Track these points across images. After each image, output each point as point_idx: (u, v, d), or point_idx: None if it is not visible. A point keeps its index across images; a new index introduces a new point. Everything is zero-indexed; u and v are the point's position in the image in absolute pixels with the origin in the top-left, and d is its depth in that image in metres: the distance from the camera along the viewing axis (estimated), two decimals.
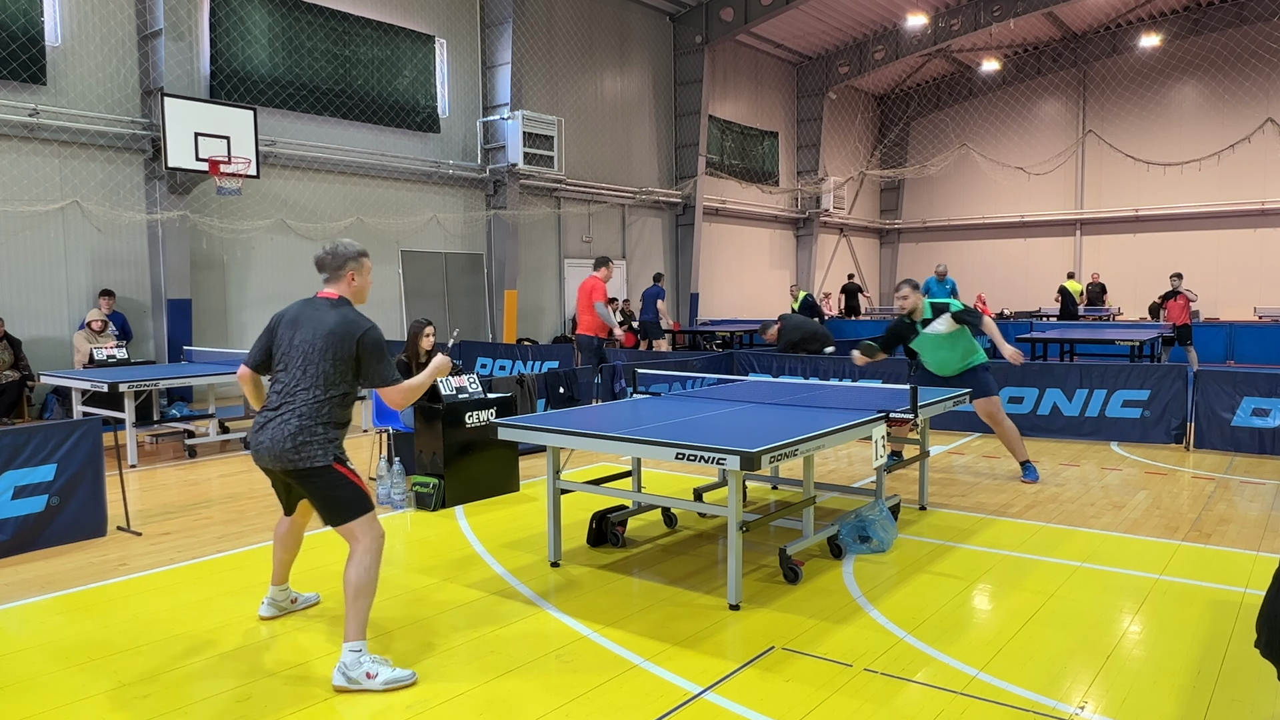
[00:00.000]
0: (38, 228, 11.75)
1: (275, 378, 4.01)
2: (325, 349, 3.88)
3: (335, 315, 3.93)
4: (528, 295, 18.71)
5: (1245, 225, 24.84)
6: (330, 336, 3.88)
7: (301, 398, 3.88)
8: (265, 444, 3.89)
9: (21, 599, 4.90)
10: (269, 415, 3.93)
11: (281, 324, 4.05)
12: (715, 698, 3.65)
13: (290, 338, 3.97)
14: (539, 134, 16.99)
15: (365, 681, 3.73)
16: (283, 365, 3.97)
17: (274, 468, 3.95)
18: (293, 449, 3.83)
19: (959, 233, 29.83)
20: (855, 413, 5.47)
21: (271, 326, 4.09)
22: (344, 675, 3.75)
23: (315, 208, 14.70)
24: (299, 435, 3.83)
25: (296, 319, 4.00)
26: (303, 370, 3.90)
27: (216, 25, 13.33)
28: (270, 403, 3.97)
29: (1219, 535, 5.91)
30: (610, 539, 5.79)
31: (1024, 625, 4.37)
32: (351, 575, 3.83)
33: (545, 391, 9.66)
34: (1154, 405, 9.22)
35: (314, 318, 3.95)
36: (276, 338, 4.04)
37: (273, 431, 3.87)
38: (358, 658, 3.77)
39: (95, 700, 3.68)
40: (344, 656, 3.78)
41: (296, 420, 3.85)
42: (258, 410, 4.10)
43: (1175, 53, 25.09)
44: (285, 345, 3.98)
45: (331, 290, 4.07)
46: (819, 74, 26.16)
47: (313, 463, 3.84)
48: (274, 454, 3.87)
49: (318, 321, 3.93)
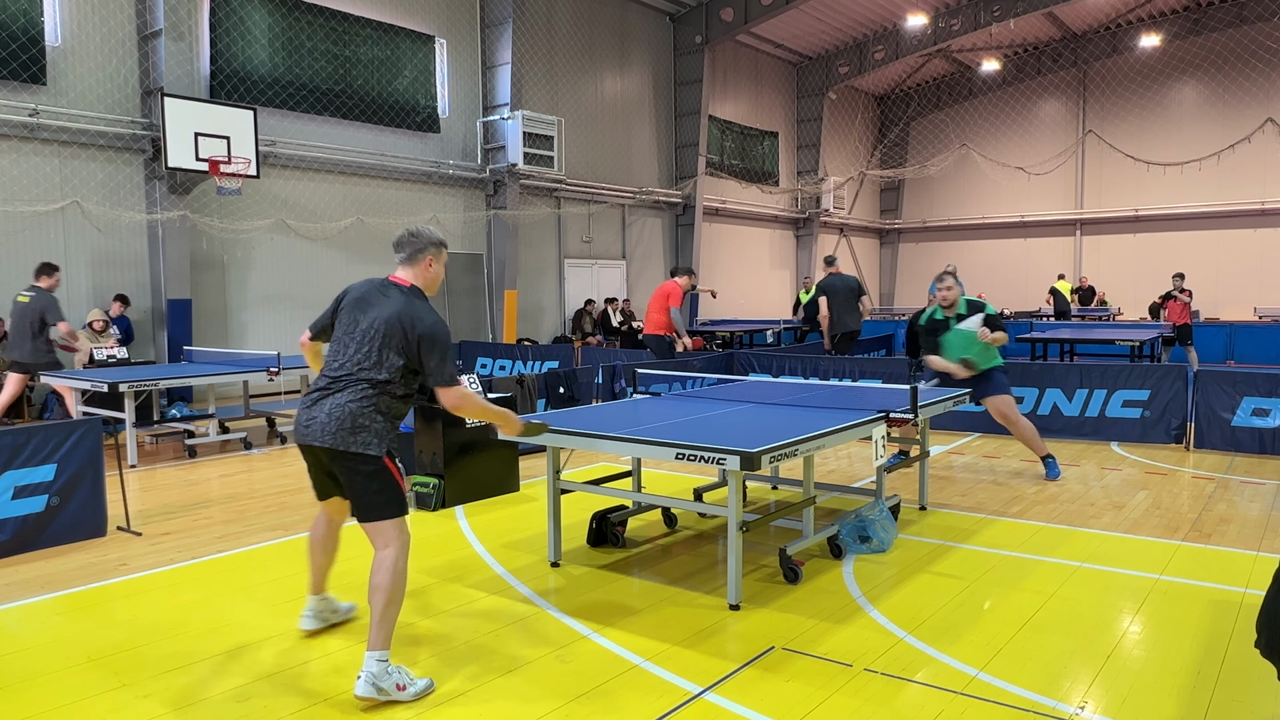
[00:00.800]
0: (38, 228, 11.75)
1: (334, 354, 3.86)
2: (389, 335, 3.75)
3: (403, 302, 3.80)
4: (528, 295, 18.71)
5: (1245, 225, 24.84)
6: (393, 323, 3.75)
7: (362, 379, 3.74)
8: (320, 420, 3.71)
9: (21, 599, 4.91)
10: (323, 393, 3.78)
11: (347, 301, 3.93)
12: (715, 698, 3.65)
13: (355, 318, 3.84)
14: (539, 134, 16.99)
15: (396, 694, 3.58)
16: (343, 344, 3.84)
17: (322, 445, 3.73)
18: (350, 430, 3.68)
19: (959, 233, 29.83)
20: (855, 413, 5.47)
21: (338, 300, 3.98)
22: (374, 686, 3.55)
23: (315, 208, 14.70)
24: (358, 418, 3.69)
25: (364, 300, 3.88)
26: (364, 353, 3.77)
27: (216, 25, 13.33)
28: (320, 382, 3.84)
29: (1219, 535, 5.91)
30: (610, 539, 5.79)
31: (1024, 625, 4.37)
32: (383, 581, 3.65)
33: (545, 391, 9.66)
34: (1154, 405, 9.22)
35: (382, 301, 3.83)
36: (340, 314, 3.93)
37: (329, 408, 3.71)
38: (385, 668, 3.59)
39: (95, 700, 3.68)
40: (370, 666, 3.57)
41: (356, 404, 3.71)
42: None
43: (1175, 53, 25.09)
44: (348, 324, 3.85)
45: (405, 275, 3.94)
46: (819, 74, 26.16)
47: (366, 449, 3.70)
48: (328, 431, 3.69)
49: (385, 306, 3.80)
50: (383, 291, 3.88)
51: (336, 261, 15.07)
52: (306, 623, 4.33)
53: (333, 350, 3.90)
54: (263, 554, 5.70)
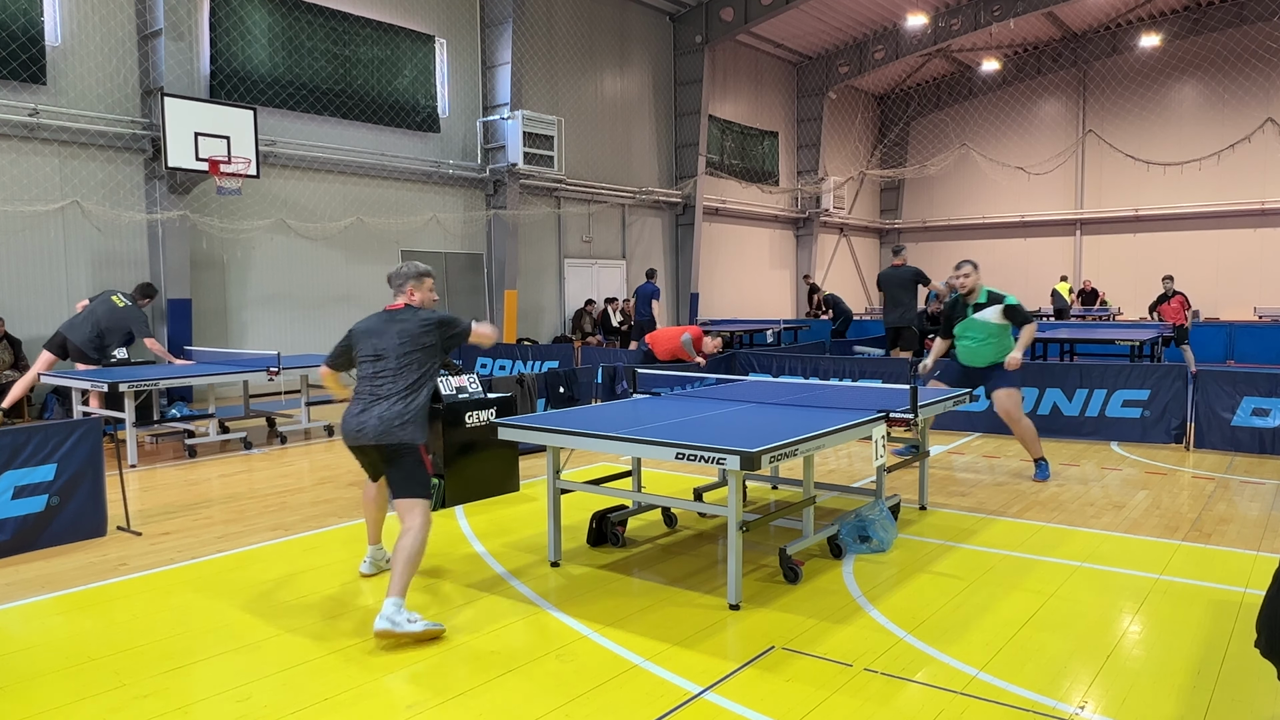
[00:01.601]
0: (38, 228, 11.75)
1: (375, 373, 4.67)
2: (413, 346, 4.64)
3: (411, 316, 4.71)
4: (528, 295, 18.71)
5: (1245, 225, 24.84)
6: (414, 336, 4.65)
7: (402, 387, 4.62)
8: (372, 424, 4.55)
9: (21, 599, 4.91)
10: (371, 401, 4.63)
11: (361, 335, 4.76)
12: (715, 698, 3.65)
13: (376, 343, 4.69)
14: (539, 134, 16.99)
15: (406, 625, 4.21)
16: (374, 364, 4.68)
17: (374, 443, 4.58)
18: (399, 426, 4.55)
19: (959, 233, 29.83)
20: (855, 413, 5.47)
21: (352, 336, 4.80)
22: (389, 620, 4.19)
23: (315, 208, 14.70)
24: (405, 415, 4.57)
25: (374, 329, 4.73)
26: (397, 366, 4.63)
27: (216, 25, 13.33)
28: (365, 392, 4.67)
29: (1219, 535, 5.91)
30: (610, 539, 5.79)
31: (1024, 625, 4.37)
32: (408, 543, 4.40)
33: (545, 391, 9.66)
34: (1154, 405, 9.22)
35: (394, 326, 4.69)
36: (358, 346, 4.76)
37: (381, 412, 4.57)
38: (399, 607, 4.25)
39: (95, 700, 3.68)
40: (387, 609, 4.22)
41: (401, 405, 4.60)
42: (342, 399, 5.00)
43: (1175, 53, 25.09)
44: (373, 349, 4.68)
45: (399, 302, 4.81)
46: (819, 74, 26.16)
47: (412, 440, 4.58)
48: (379, 432, 4.54)
49: (399, 326, 4.68)
50: (390, 319, 4.74)
51: (336, 261, 15.07)
52: (366, 567, 5.29)
53: (368, 370, 4.71)
54: (263, 554, 5.70)
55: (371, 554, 5.33)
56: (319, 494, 7.38)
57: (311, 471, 8.32)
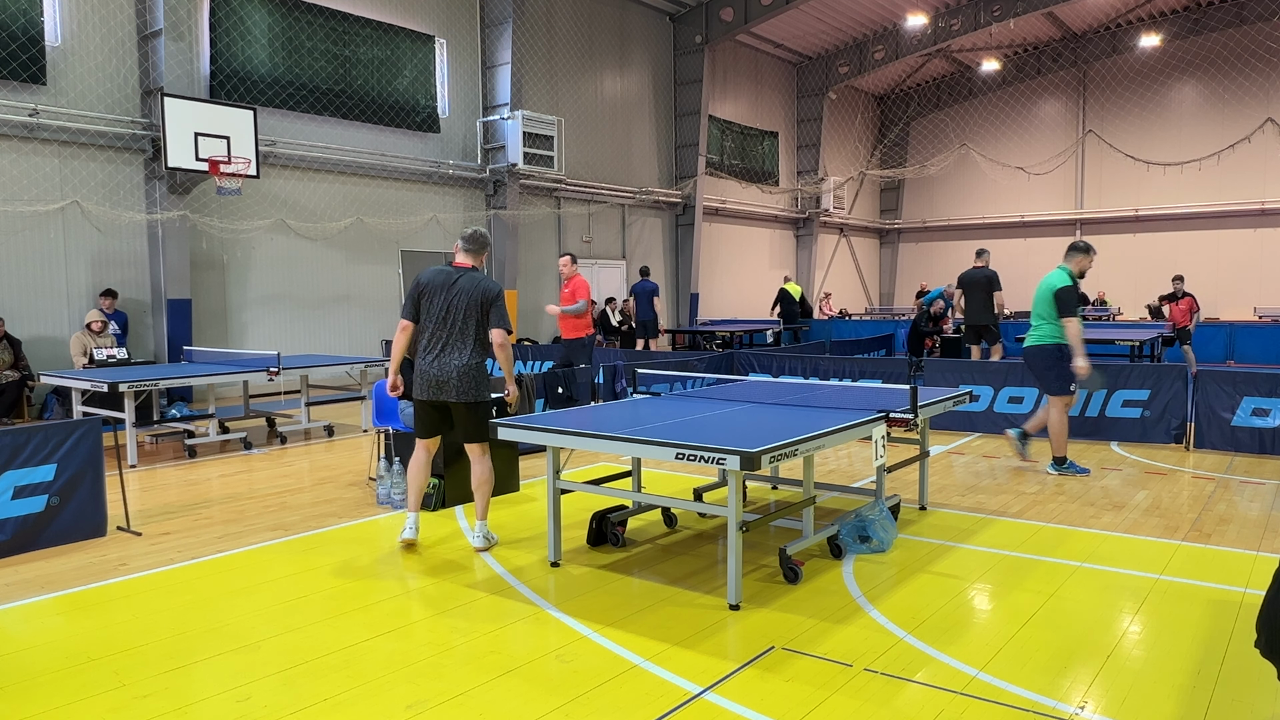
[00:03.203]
0: (38, 228, 11.75)
1: (447, 327, 5.56)
2: (474, 303, 5.55)
3: (477, 277, 5.65)
4: (528, 295, 18.70)
5: (1245, 225, 24.85)
6: (476, 292, 5.56)
7: (469, 337, 5.53)
8: (451, 373, 5.50)
9: (21, 599, 4.91)
10: (440, 351, 5.53)
11: (430, 287, 5.63)
12: (715, 698, 3.65)
13: (446, 297, 5.56)
14: (539, 134, 16.99)
15: (493, 539, 5.74)
16: (443, 319, 5.56)
17: (447, 398, 5.50)
18: (472, 385, 5.51)
19: (959, 233, 29.83)
20: (855, 413, 5.47)
21: (420, 287, 5.64)
22: (484, 538, 5.68)
23: (315, 208, 14.70)
24: (476, 370, 5.51)
25: (448, 283, 5.61)
26: (464, 318, 5.54)
27: (216, 25, 13.33)
28: (434, 344, 5.55)
29: (1219, 535, 5.91)
30: (610, 539, 5.79)
31: (1024, 625, 4.37)
32: (482, 473, 5.66)
33: (544, 391, 9.66)
34: (1154, 405, 9.22)
35: (463, 281, 5.59)
36: (428, 297, 5.62)
37: (453, 361, 5.50)
38: (486, 529, 5.70)
39: (95, 700, 3.68)
40: (479, 529, 5.67)
41: (468, 355, 5.52)
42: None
43: (1175, 53, 25.10)
44: (443, 302, 5.56)
45: (468, 262, 5.77)
46: (819, 74, 26.17)
47: (484, 396, 5.56)
48: (457, 386, 5.49)
49: (469, 282, 5.58)
50: (459, 272, 5.73)
51: (336, 261, 15.07)
52: (409, 533, 5.72)
53: (438, 323, 5.60)
54: (263, 554, 5.70)
55: (413, 520, 5.76)
56: (319, 494, 7.38)
57: (311, 471, 8.32)
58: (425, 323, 5.62)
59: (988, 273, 12.94)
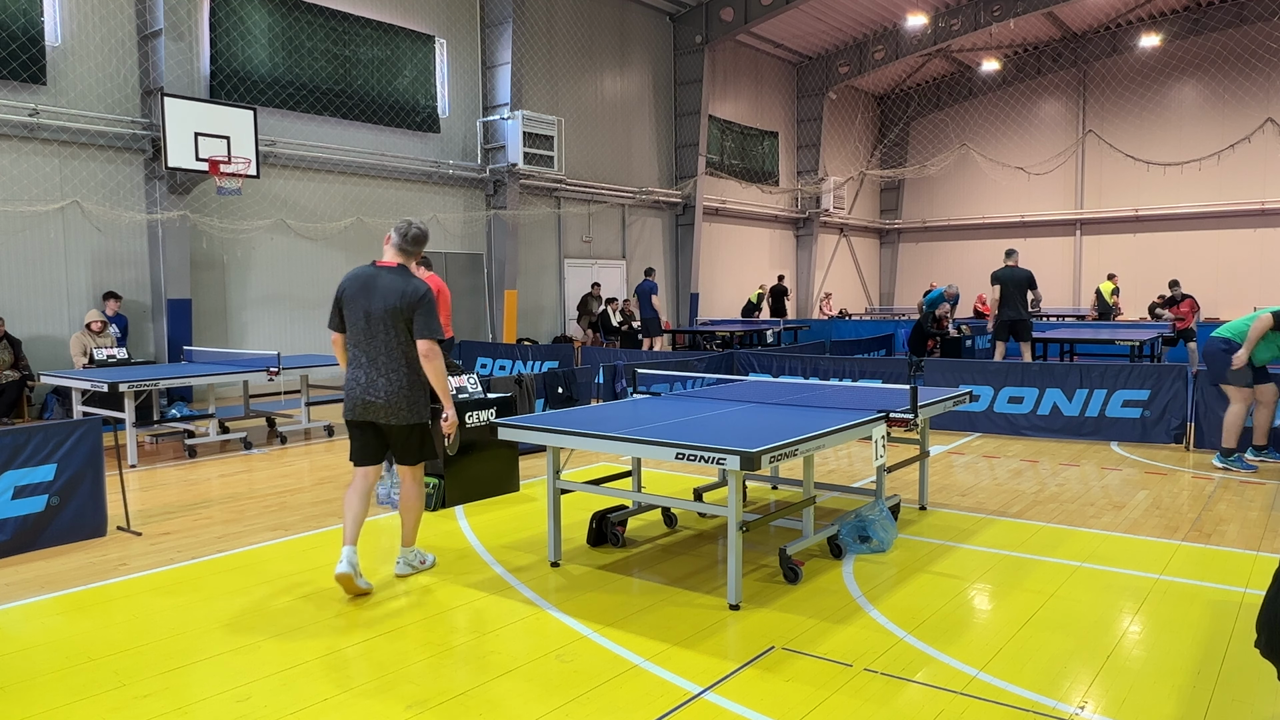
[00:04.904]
0: (38, 228, 11.75)
1: (369, 338, 4.83)
2: (395, 309, 4.76)
3: (400, 277, 4.84)
4: (528, 295, 18.71)
5: (1245, 225, 24.84)
6: (395, 296, 4.77)
7: (398, 354, 4.80)
8: (379, 393, 4.80)
9: (21, 599, 4.91)
10: (365, 367, 4.82)
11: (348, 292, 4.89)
12: (715, 698, 3.65)
13: (365, 304, 4.80)
14: (539, 134, 16.99)
15: (420, 565, 5.19)
16: (365, 331, 4.82)
17: (377, 419, 4.85)
18: (405, 406, 4.84)
19: (959, 233, 29.83)
20: (855, 413, 5.47)
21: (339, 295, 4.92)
22: (408, 564, 5.14)
23: (315, 208, 14.70)
24: (408, 390, 4.83)
25: (367, 287, 4.84)
26: (386, 328, 4.78)
27: (216, 25, 13.33)
28: (358, 359, 4.84)
29: (1219, 535, 5.91)
30: (610, 539, 5.79)
31: (1024, 625, 4.37)
32: (414, 502, 5.10)
33: (544, 391, 9.66)
34: (1154, 405, 9.22)
35: (383, 284, 4.81)
36: (348, 305, 4.88)
37: (379, 379, 4.80)
38: (414, 552, 5.21)
39: (95, 700, 3.68)
40: (405, 555, 5.14)
41: (397, 374, 4.81)
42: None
43: (1175, 53, 25.09)
44: (361, 309, 4.81)
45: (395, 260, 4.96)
46: (819, 74, 26.16)
47: (419, 418, 4.94)
48: (385, 408, 4.82)
49: (390, 284, 4.80)
50: (382, 275, 4.94)
51: (336, 261, 15.06)
52: (343, 566, 4.85)
53: (361, 337, 4.88)
54: (263, 554, 5.70)
55: (349, 554, 4.81)
56: (319, 494, 7.38)
57: (311, 471, 8.32)
58: (348, 334, 4.93)
59: (1026, 271, 13.12)
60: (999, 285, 13.14)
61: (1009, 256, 13.44)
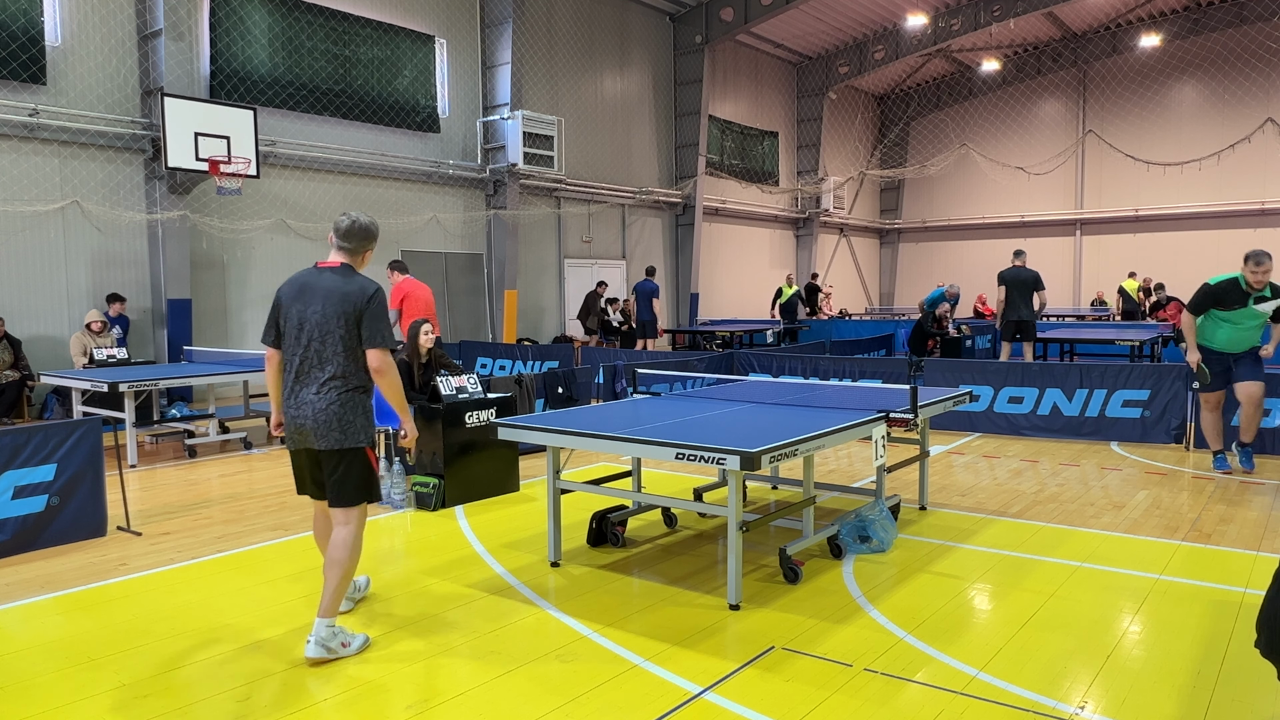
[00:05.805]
0: (38, 228, 11.75)
1: (301, 347, 4.10)
2: (335, 314, 4.05)
3: (341, 278, 4.15)
4: (528, 295, 18.71)
5: (1245, 225, 24.84)
6: (336, 299, 4.06)
7: (331, 365, 4.06)
8: (307, 414, 4.04)
9: (21, 599, 4.91)
10: (296, 382, 4.10)
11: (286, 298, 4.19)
12: (715, 698, 3.65)
13: (300, 310, 4.10)
14: (539, 134, 16.99)
15: (341, 650, 4.03)
16: (296, 339, 4.11)
17: (310, 445, 4.08)
18: (334, 426, 4.03)
19: (959, 233, 29.83)
20: (855, 413, 5.47)
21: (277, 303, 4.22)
22: (323, 647, 3.96)
23: (315, 208, 14.70)
24: (339, 407, 4.04)
25: (304, 292, 4.16)
26: (322, 335, 4.05)
27: (216, 25, 13.33)
28: (289, 374, 4.13)
29: (1219, 535, 5.91)
30: (610, 539, 5.79)
31: (1024, 625, 4.37)
32: (343, 556, 4.06)
33: (544, 391, 9.66)
34: (1154, 405, 9.22)
35: (323, 286, 4.12)
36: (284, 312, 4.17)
37: (308, 395, 4.05)
38: (333, 631, 4.02)
39: (95, 700, 3.68)
40: (320, 631, 3.97)
41: (328, 388, 4.04)
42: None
43: (1175, 53, 25.10)
44: (296, 317, 4.11)
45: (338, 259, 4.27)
46: (819, 74, 26.17)
47: (351, 442, 4.06)
48: (314, 429, 4.04)
49: (331, 285, 4.11)
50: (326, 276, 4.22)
51: None
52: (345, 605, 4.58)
53: (295, 347, 4.15)
54: (263, 554, 5.70)
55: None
56: None
57: None
58: (284, 347, 4.19)
59: (1032, 272, 13.12)
60: (1004, 286, 13.13)
61: (1017, 256, 13.41)
